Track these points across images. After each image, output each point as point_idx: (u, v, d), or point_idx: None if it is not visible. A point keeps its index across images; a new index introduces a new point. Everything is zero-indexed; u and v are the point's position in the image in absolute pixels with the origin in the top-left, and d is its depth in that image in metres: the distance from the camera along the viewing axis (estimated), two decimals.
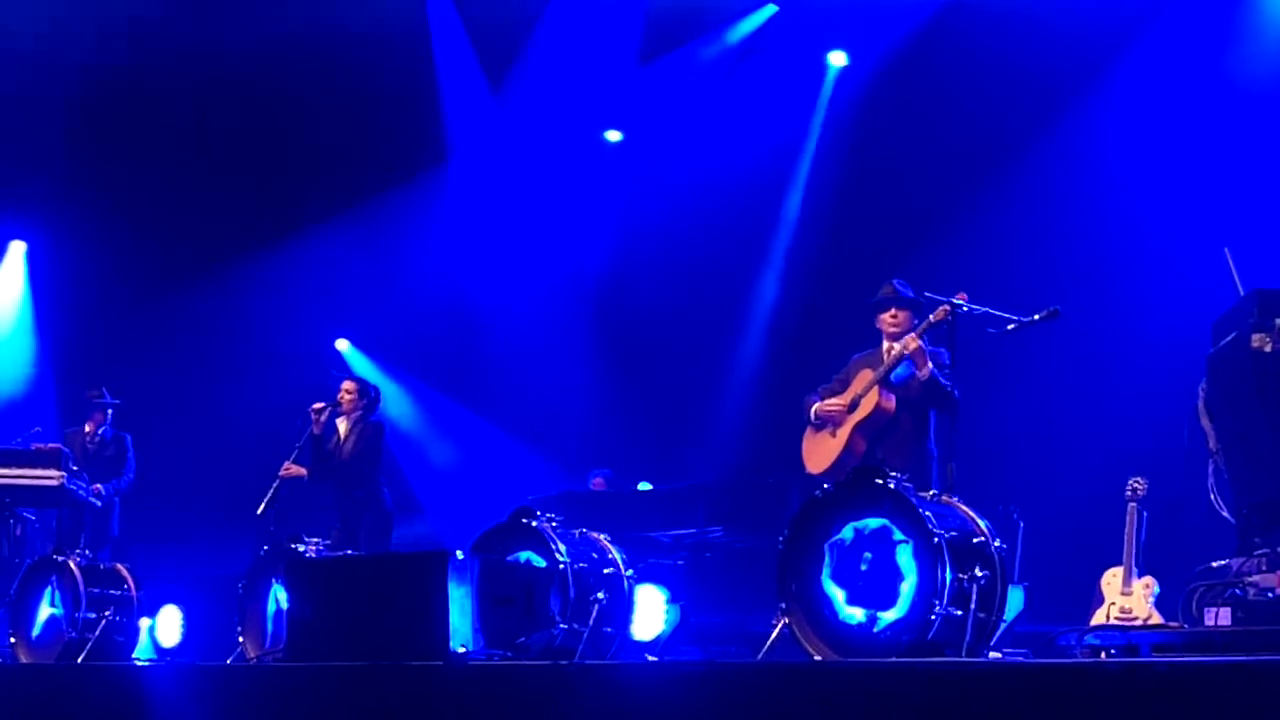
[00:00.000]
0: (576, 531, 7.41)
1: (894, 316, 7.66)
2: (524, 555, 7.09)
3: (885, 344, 7.69)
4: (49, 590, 8.73)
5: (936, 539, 5.59)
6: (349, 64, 12.79)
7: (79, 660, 8.37)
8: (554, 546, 7.02)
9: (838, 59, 12.01)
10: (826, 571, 5.88)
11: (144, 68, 12.65)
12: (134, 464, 11.12)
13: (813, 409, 7.73)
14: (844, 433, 7.58)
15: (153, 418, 11.97)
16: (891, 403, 7.49)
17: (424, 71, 13.15)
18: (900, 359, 7.42)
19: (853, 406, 7.58)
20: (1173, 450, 7.09)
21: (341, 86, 12.83)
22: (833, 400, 7.68)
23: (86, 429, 11.09)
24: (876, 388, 7.48)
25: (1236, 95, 9.74)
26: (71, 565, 8.65)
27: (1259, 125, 9.63)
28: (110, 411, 11.14)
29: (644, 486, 12.09)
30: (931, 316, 7.22)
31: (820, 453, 7.70)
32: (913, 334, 7.38)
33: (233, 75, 12.77)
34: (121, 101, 12.67)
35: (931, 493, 6.00)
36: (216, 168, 12.81)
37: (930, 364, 7.38)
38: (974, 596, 5.65)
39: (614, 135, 13.07)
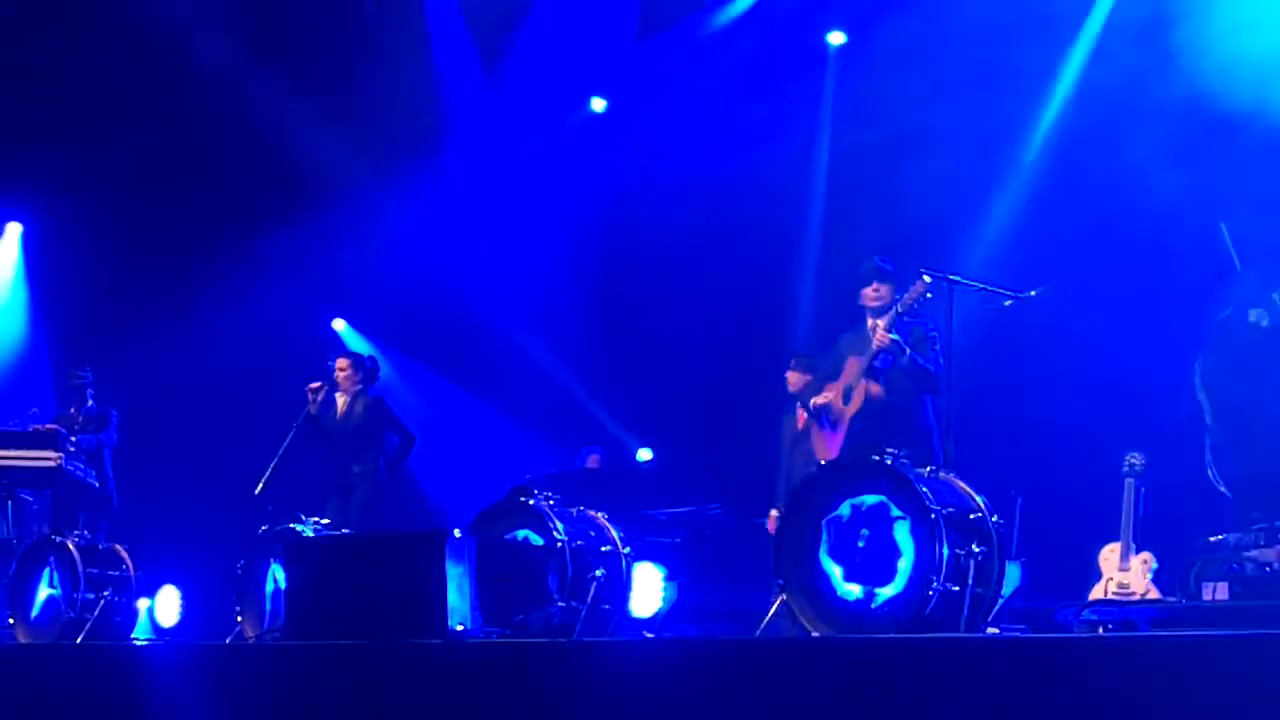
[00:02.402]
0: (574, 509, 7.42)
1: (875, 290, 7.71)
2: (522, 533, 7.11)
3: (869, 321, 7.72)
4: (47, 571, 8.75)
5: (934, 515, 5.60)
6: (345, 45, 12.74)
7: (78, 640, 8.38)
8: (552, 525, 7.04)
9: (836, 38, 11.95)
10: (824, 548, 5.89)
11: (137, 51, 12.60)
12: (116, 429, 11.00)
13: (810, 401, 7.76)
14: (844, 425, 7.60)
15: (150, 398, 11.95)
16: (879, 388, 7.52)
17: (419, 50, 13.10)
18: (876, 353, 7.45)
19: (846, 397, 7.60)
20: (1170, 425, 7.09)
21: (338, 66, 12.79)
22: (826, 393, 7.68)
23: (71, 411, 11.04)
24: (864, 381, 7.51)
25: (1233, 67, 9.69)
26: (70, 546, 8.66)
27: (1256, 99, 9.59)
28: (89, 389, 11.08)
29: (644, 454, 12.11)
30: (906, 295, 7.22)
31: (827, 448, 7.74)
32: (882, 329, 7.38)
33: (226, 54, 12.72)
34: (116, 83, 12.61)
35: (929, 469, 6.01)
36: (212, 148, 12.76)
37: (908, 350, 7.41)
38: (971, 572, 5.66)
39: (599, 104, 13.02)
